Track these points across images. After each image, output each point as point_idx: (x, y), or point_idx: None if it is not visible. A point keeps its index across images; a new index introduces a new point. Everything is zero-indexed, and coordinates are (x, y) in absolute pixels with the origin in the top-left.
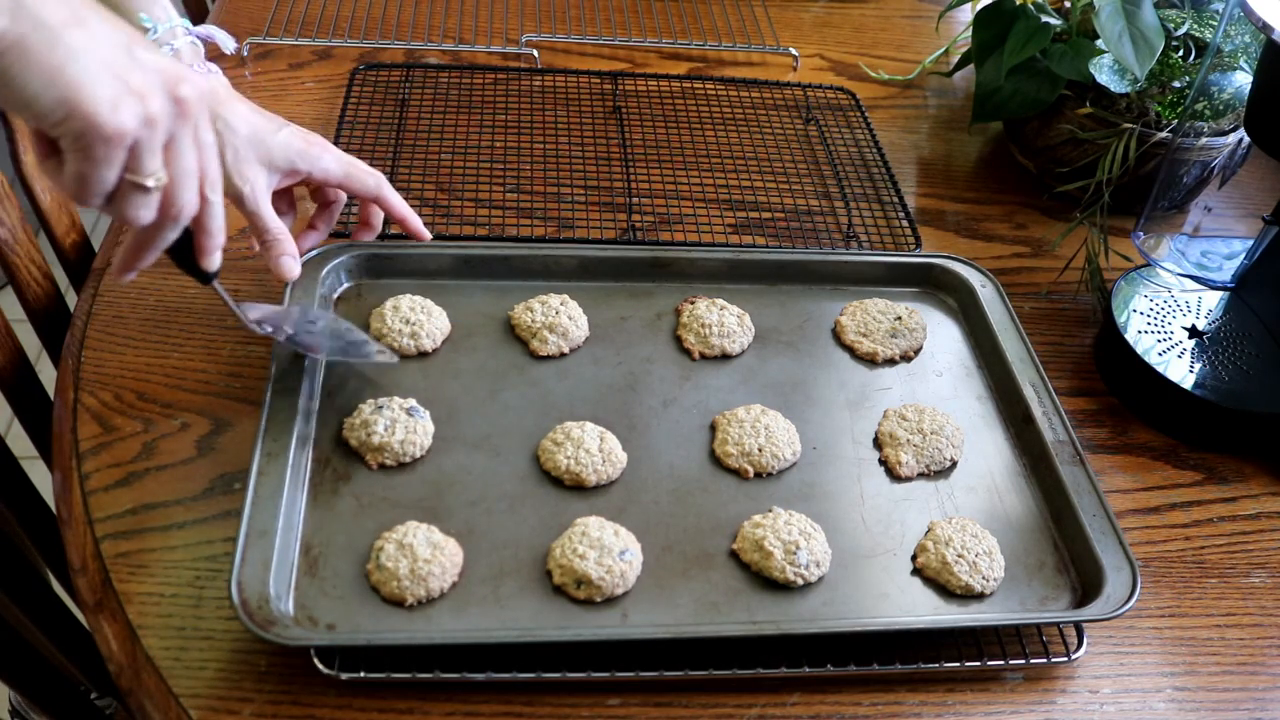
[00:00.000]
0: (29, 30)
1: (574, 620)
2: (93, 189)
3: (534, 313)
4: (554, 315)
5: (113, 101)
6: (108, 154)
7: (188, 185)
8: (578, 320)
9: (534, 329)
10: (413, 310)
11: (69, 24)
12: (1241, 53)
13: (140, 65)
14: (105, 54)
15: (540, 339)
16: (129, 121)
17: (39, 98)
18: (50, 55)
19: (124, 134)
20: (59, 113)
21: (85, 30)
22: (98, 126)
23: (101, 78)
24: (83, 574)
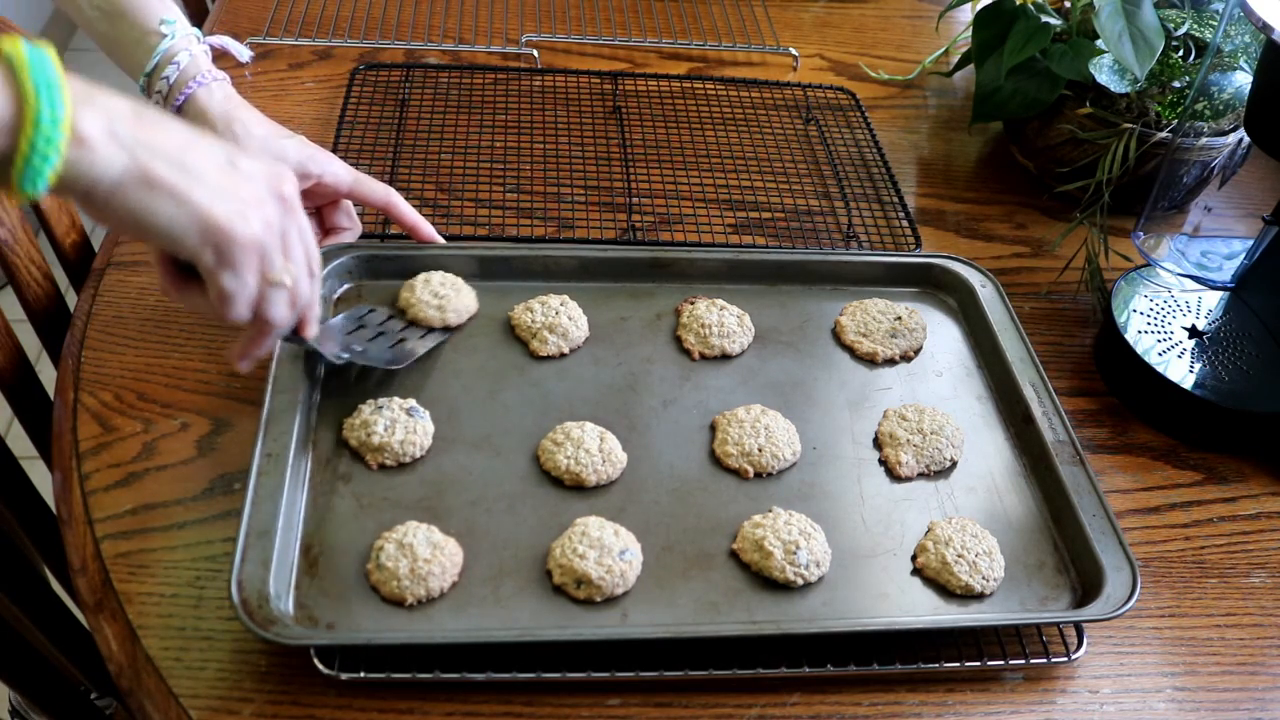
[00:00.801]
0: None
1: (574, 620)
2: (240, 299)
3: (534, 313)
4: (554, 315)
5: (240, 215)
6: (247, 262)
7: (304, 273)
8: (578, 320)
9: (534, 329)
10: (443, 285)
11: (184, 148)
12: (1241, 53)
13: (246, 176)
14: (218, 173)
15: (540, 339)
16: (259, 230)
17: (173, 224)
18: (176, 183)
19: (258, 242)
20: (195, 236)
21: (198, 152)
22: (234, 240)
23: (223, 194)
24: (83, 574)
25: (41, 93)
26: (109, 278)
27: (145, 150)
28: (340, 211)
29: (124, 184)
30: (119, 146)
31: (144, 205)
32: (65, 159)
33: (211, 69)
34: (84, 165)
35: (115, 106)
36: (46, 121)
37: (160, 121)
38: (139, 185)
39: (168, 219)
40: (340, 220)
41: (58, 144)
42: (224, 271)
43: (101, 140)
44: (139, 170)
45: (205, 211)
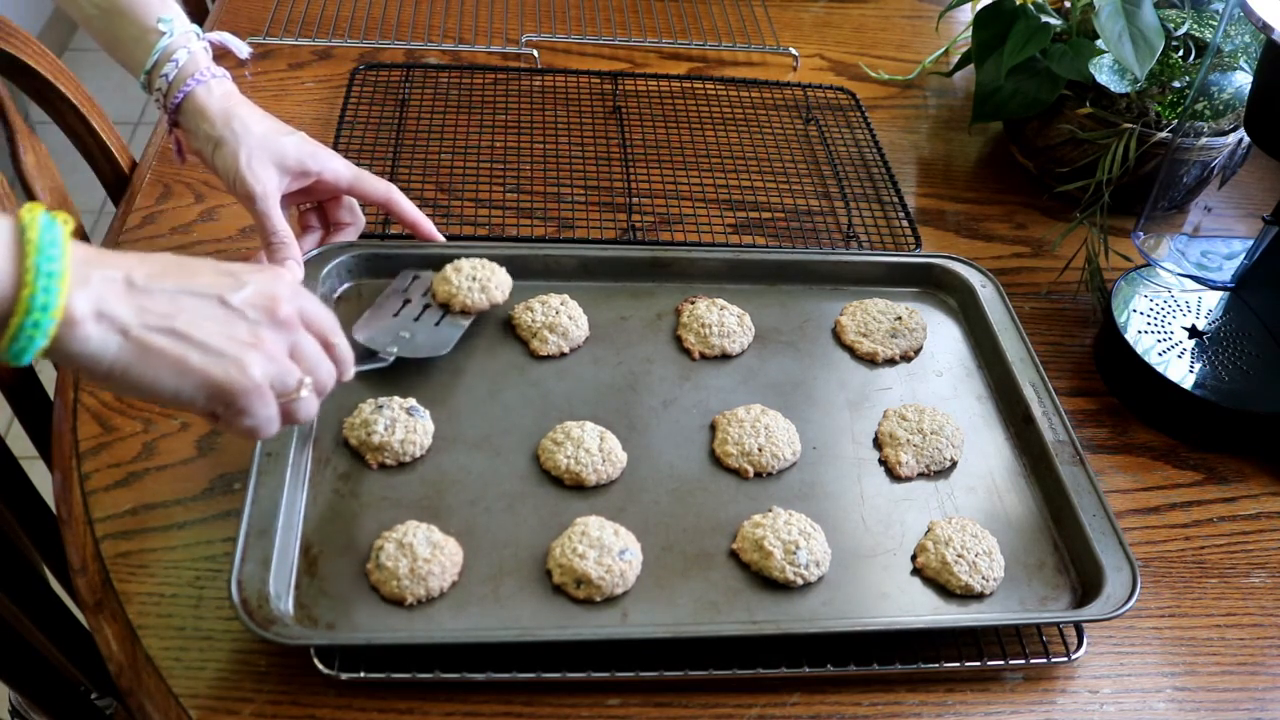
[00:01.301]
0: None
1: (574, 620)
2: (265, 429)
3: (534, 313)
4: (554, 315)
5: (239, 366)
6: (260, 401)
7: (322, 367)
8: (578, 320)
9: (534, 329)
10: (474, 268)
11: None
12: (1241, 53)
13: (239, 313)
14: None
15: (540, 339)
16: (260, 373)
17: (179, 392)
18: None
19: (263, 384)
20: (203, 399)
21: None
22: (240, 393)
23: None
24: (83, 574)
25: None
26: None
27: (139, 327)
28: (342, 207)
29: (122, 361)
30: (110, 328)
31: (145, 379)
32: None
33: (211, 66)
34: (76, 345)
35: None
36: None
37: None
38: (137, 362)
39: (173, 388)
40: (343, 216)
41: (46, 329)
42: (240, 419)
43: (92, 323)
44: (134, 349)
45: (206, 376)
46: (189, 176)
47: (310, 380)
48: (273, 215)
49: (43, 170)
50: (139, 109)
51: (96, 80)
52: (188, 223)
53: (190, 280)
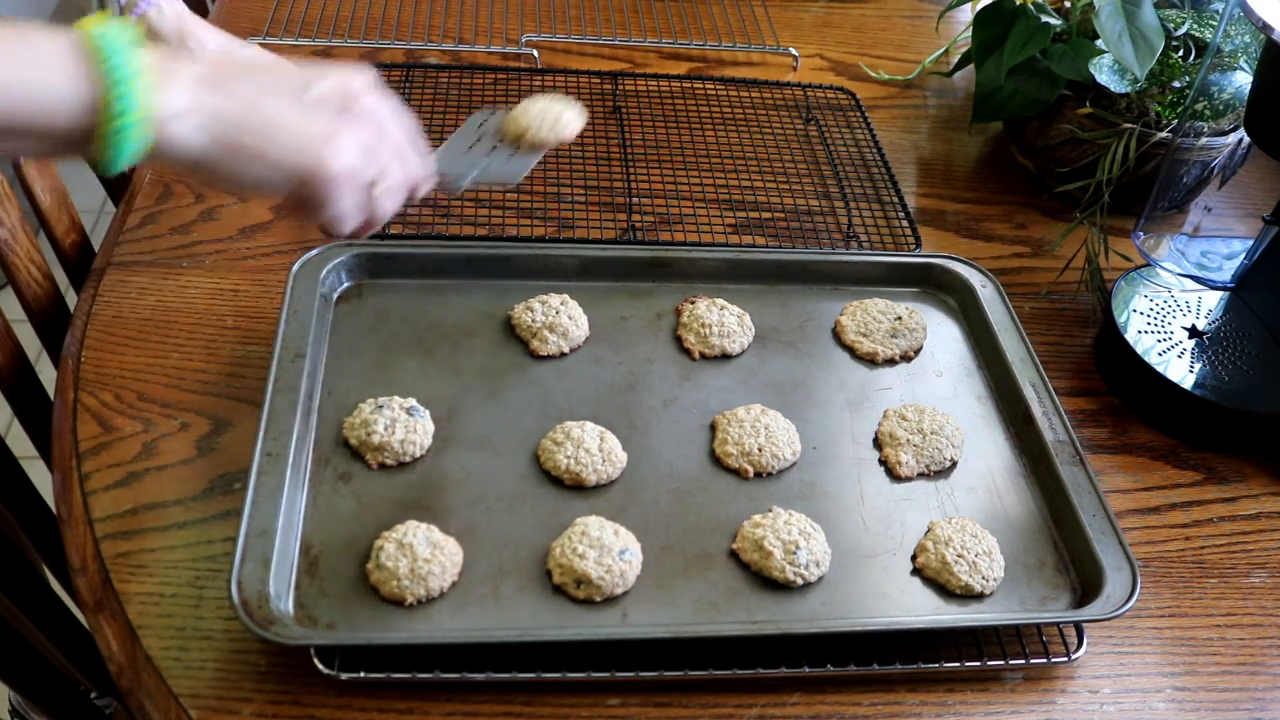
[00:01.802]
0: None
1: (574, 620)
2: (347, 220)
3: (534, 313)
4: (554, 315)
5: (322, 153)
6: (340, 190)
7: (405, 161)
8: (578, 320)
9: (534, 329)
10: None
11: (257, 101)
12: (1241, 53)
13: (316, 105)
14: (293, 115)
15: (540, 339)
16: (347, 161)
17: (263, 180)
18: (256, 146)
19: (346, 171)
20: (287, 185)
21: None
22: (323, 180)
23: (304, 138)
24: (83, 574)
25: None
26: (109, 278)
27: (220, 122)
28: None
29: (209, 155)
30: (194, 125)
31: (231, 171)
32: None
33: None
34: (164, 144)
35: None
36: (123, 112)
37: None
38: (223, 155)
39: (256, 178)
40: None
41: (132, 133)
42: (323, 207)
43: (177, 121)
44: (219, 143)
45: (291, 163)
46: (189, 176)
47: (392, 175)
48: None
49: (43, 170)
50: None
51: None
52: (188, 223)
53: (267, 76)
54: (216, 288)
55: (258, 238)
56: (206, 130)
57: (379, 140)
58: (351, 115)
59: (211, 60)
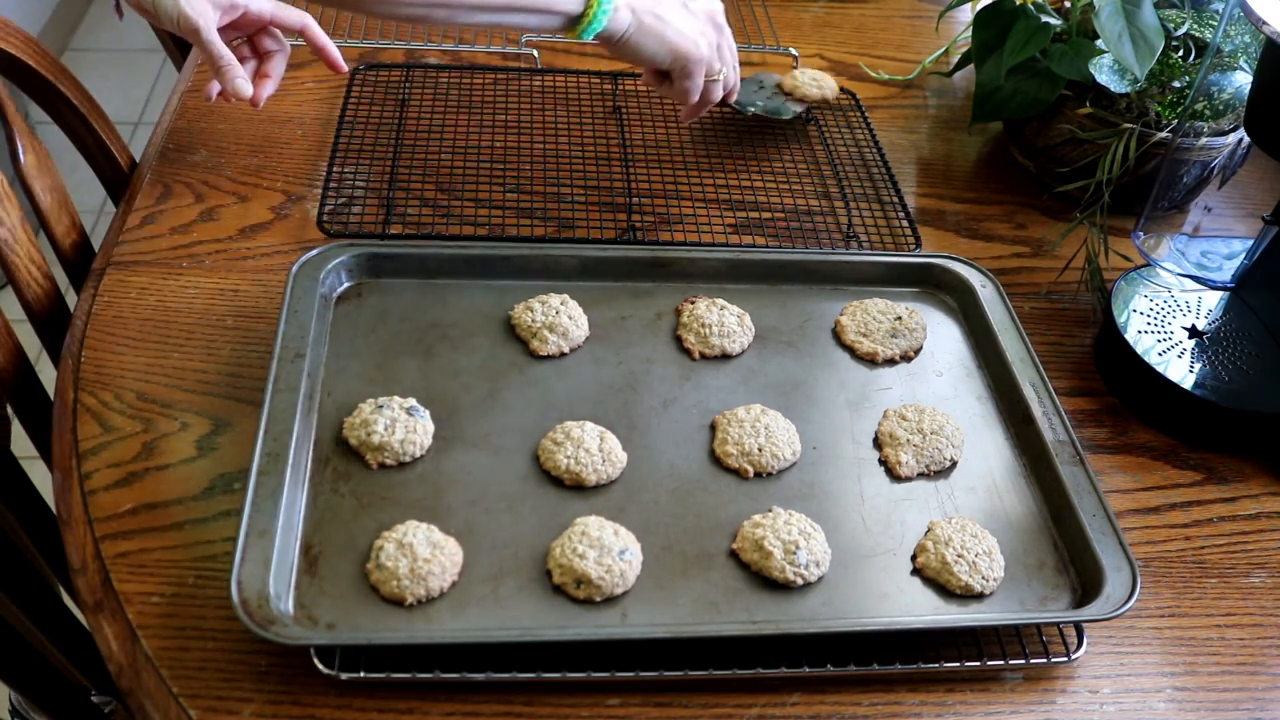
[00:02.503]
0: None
1: (574, 620)
2: (695, 91)
3: (534, 312)
4: (554, 315)
5: (694, 44)
6: (698, 71)
7: (733, 67)
8: (578, 320)
9: (534, 329)
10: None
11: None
12: (1241, 53)
13: (693, 14)
14: (679, 15)
15: (540, 339)
16: (707, 51)
17: (656, 54)
18: (658, 29)
19: (704, 59)
20: (669, 60)
21: (664, 5)
22: (691, 60)
23: (685, 32)
24: (83, 574)
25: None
26: (109, 278)
27: (642, 11)
28: (268, 36)
29: (630, 33)
30: (629, 13)
31: (641, 45)
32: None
33: None
34: (613, 24)
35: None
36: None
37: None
38: (638, 34)
39: (652, 52)
40: (269, 44)
41: (604, 18)
42: (685, 79)
43: (623, 10)
44: (638, 25)
45: (675, 45)
46: (189, 176)
47: (725, 71)
48: (217, 43)
49: (43, 170)
50: (139, 109)
51: (96, 80)
52: (188, 223)
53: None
54: (216, 288)
55: (258, 238)
56: (633, 18)
57: (722, 48)
58: (713, 25)
59: None
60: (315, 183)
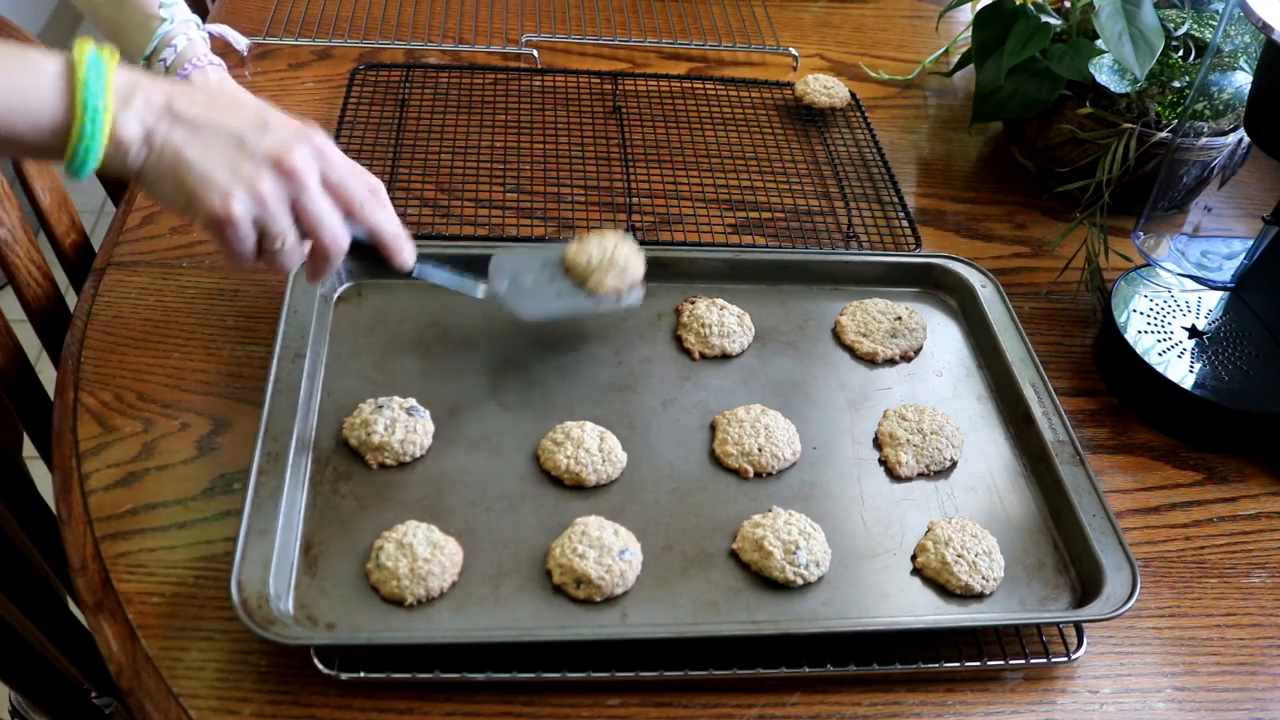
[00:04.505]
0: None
1: (574, 620)
2: (238, 259)
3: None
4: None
5: (224, 198)
6: (233, 234)
7: (326, 227)
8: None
9: (589, 269)
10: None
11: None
12: (1241, 53)
13: (250, 153)
14: (211, 154)
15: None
16: (238, 209)
17: (176, 204)
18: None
19: (236, 219)
20: (188, 212)
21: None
22: (214, 217)
23: (207, 182)
24: (83, 574)
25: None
26: (109, 278)
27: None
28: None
29: (144, 172)
30: (136, 151)
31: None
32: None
33: (208, 54)
34: (116, 160)
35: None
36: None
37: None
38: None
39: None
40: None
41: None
42: (221, 242)
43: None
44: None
45: (193, 197)
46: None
47: (293, 239)
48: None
49: (43, 170)
50: None
51: None
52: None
53: (221, 116)
54: (216, 288)
55: None
56: (146, 155)
57: (299, 203)
58: (275, 172)
59: (179, 90)
60: None
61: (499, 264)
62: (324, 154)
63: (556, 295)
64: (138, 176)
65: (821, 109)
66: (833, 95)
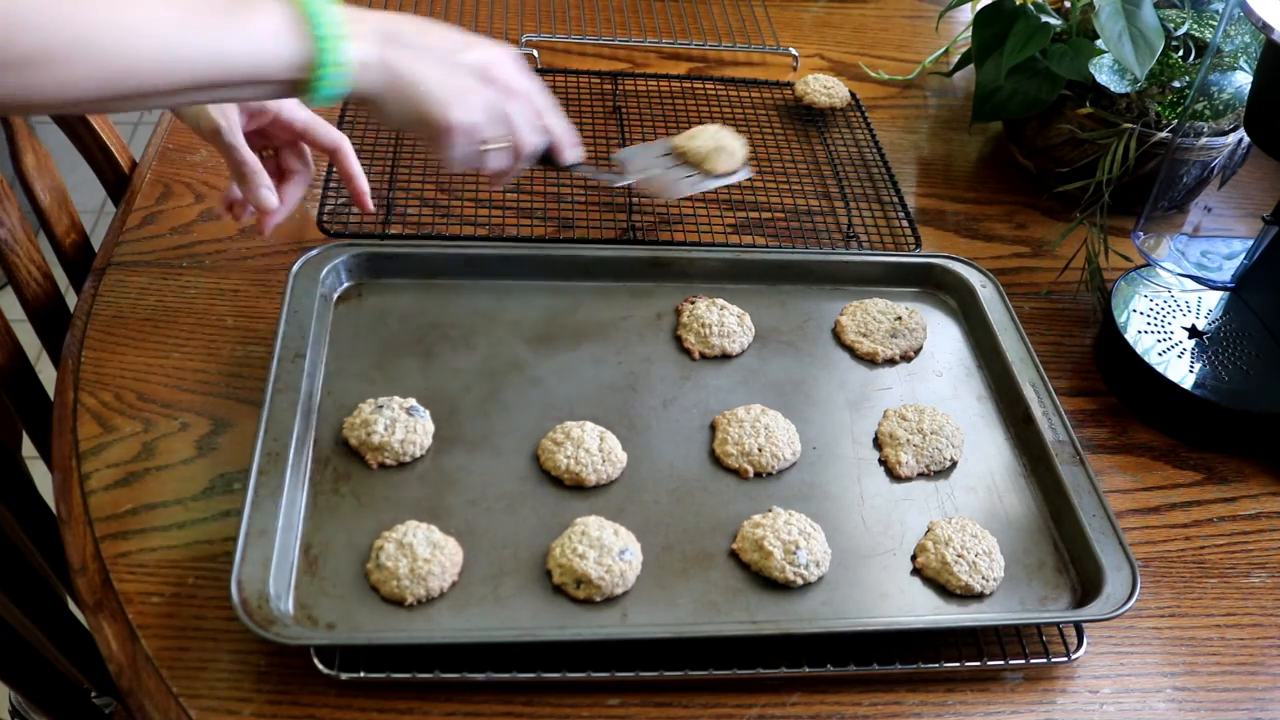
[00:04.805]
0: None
1: (574, 620)
2: (455, 162)
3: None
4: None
5: (445, 107)
6: (456, 140)
7: (527, 131)
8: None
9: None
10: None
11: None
12: (1241, 53)
13: (458, 68)
14: (434, 72)
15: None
16: (462, 116)
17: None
18: (407, 90)
19: (460, 127)
20: (418, 126)
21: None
22: (444, 129)
23: (434, 94)
24: (83, 574)
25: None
26: (109, 278)
27: (388, 71)
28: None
29: (377, 95)
30: (377, 71)
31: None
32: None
33: None
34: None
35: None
36: (327, 65)
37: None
38: (384, 96)
39: (401, 118)
40: (294, 164)
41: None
42: (441, 148)
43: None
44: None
45: (423, 111)
46: (189, 176)
47: (507, 141)
48: (240, 147)
49: (43, 170)
50: None
51: None
52: (188, 222)
53: (429, 38)
54: (216, 288)
55: (258, 238)
56: (379, 77)
57: (504, 107)
58: (484, 82)
59: (389, 17)
60: (315, 183)
61: (625, 158)
62: (517, 68)
63: (684, 178)
64: (367, 98)
65: (821, 109)
66: (833, 95)
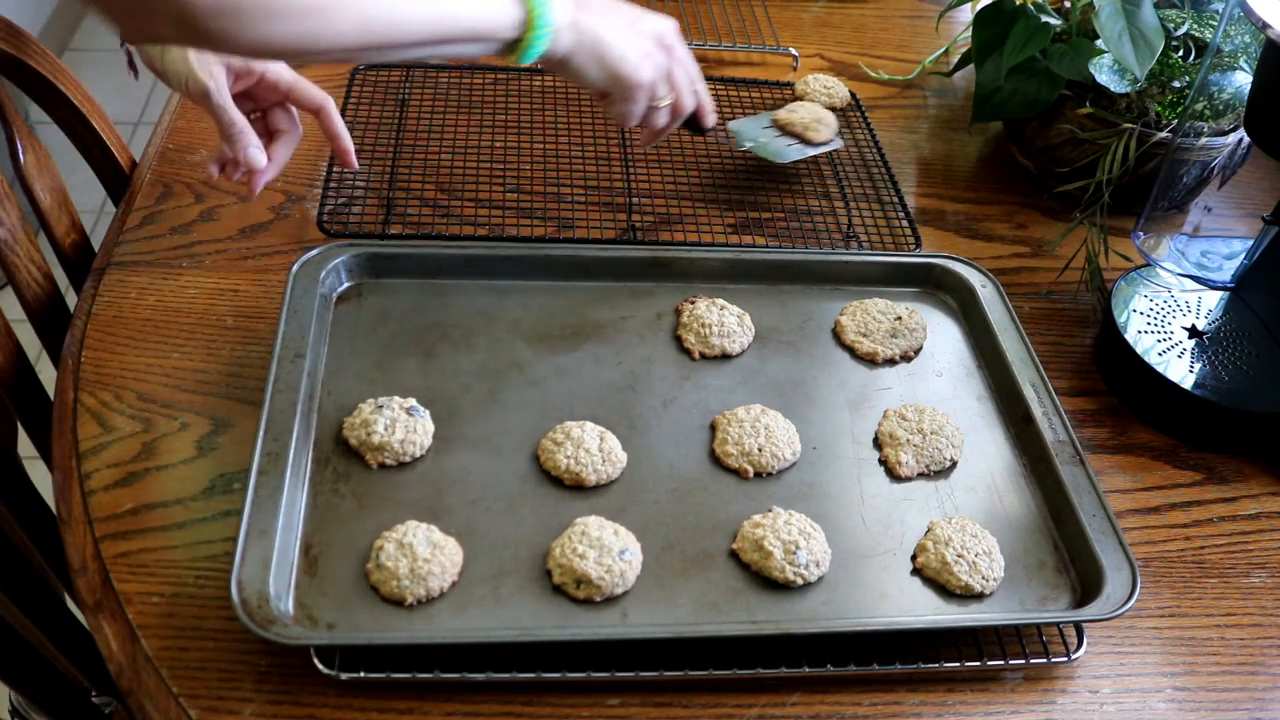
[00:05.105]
0: (583, 41)
1: (574, 620)
2: (633, 116)
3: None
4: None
5: (636, 68)
6: (640, 96)
7: (686, 91)
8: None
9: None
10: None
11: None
12: (1241, 53)
13: (639, 34)
14: (621, 36)
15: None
16: (648, 75)
17: (596, 78)
18: (599, 53)
19: (646, 85)
20: (610, 84)
21: (612, 24)
22: (630, 86)
23: (626, 55)
24: (83, 574)
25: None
26: (109, 278)
27: (582, 33)
28: (282, 114)
29: (570, 54)
30: (572, 33)
31: (580, 67)
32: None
33: None
34: (553, 48)
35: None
36: (540, 26)
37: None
38: (577, 55)
39: (592, 76)
40: (281, 123)
41: (542, 40)
42: (624, 103)
43: (564, 32)
44: (578, 47)
45: (615, 70)
46: (189, 176)
47: (671, 98)
48: (228, 108)
49: (43, 170)
50: (139, 109)
51: (96, 80)
52: (188, 222)
53: (609, 6)
54: (216, 288)
55: (258, 238)
56: (573, 39)
57: (671, 74)
58: (660, 48)
59: None
60: (315, 183)
61: (738, 129)
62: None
63: (789, 145)
64: (564, 60)
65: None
66: (833, 95)
